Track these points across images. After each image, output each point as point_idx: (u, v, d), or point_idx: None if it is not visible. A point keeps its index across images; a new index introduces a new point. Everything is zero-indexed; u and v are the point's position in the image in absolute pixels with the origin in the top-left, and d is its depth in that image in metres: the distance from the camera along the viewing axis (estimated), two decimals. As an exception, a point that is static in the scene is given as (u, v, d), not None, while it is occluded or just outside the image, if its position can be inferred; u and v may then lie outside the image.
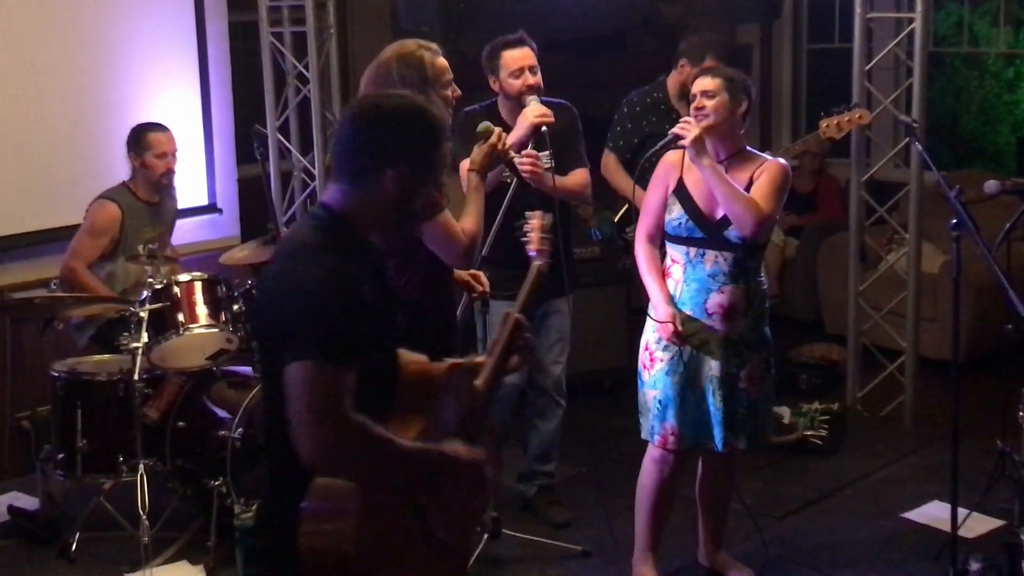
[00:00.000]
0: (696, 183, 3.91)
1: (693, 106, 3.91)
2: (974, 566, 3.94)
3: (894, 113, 5.69)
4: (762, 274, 4.02)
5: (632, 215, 4.32)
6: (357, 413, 2.31)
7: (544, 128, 4.22)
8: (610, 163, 5.23)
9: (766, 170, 3.91)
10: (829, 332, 6.85)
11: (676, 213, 3.93)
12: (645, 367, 4.02)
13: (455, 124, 3.54)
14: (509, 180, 4.11)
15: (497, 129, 3.62)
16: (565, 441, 5.09)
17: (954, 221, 3.81)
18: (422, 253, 3.43)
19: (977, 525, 4.46)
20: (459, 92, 3.55)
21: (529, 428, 4.79)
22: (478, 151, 3.59)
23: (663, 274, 3.98)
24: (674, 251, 3.98)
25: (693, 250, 3.91)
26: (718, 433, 3.92)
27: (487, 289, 3.95)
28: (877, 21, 5.79)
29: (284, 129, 6.62)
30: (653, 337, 3.99)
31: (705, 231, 3.89)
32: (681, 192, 3.94)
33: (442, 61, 3.46)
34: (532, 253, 3.13)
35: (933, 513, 4.66)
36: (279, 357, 2.33)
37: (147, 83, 5.89)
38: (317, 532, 2.35)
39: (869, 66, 5.66)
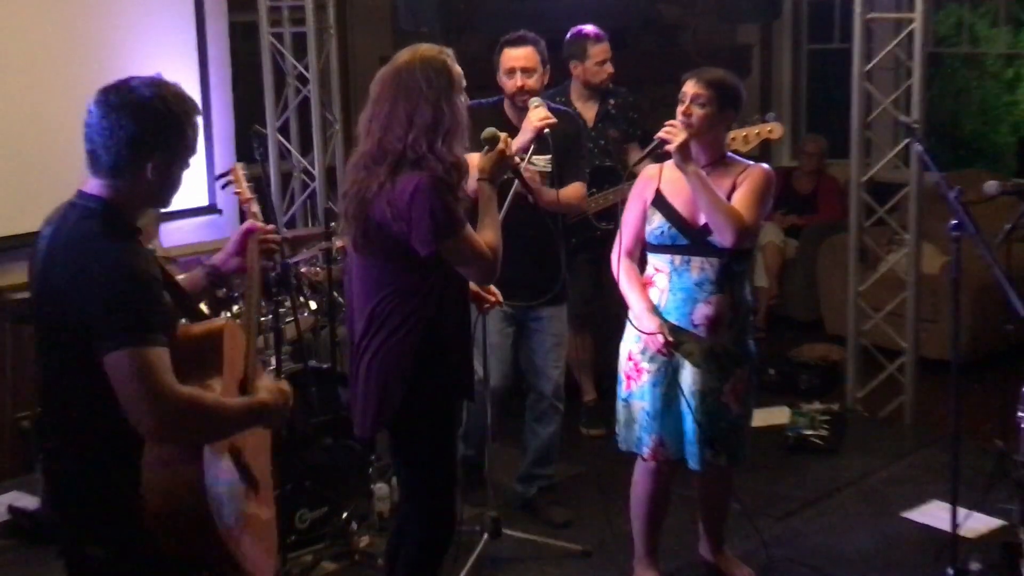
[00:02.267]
0: (675, 191, 3.86)
1: (680, 110, 3.83)
2: (974, 566, 3.94)
3: (894, 114, 5.70)
4: (747, 285, 3.98)
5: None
6: (182, 385, 2.47)
7: (547, 131, 4.19)
8: None
9: (748, 177, 3.86)
10: (829, 332, 6.86)
11: (657, 222, 3.88)
12: (630, 378, 3.95)
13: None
14: (511, 185, 4.07)
15: (503, 135, 3.52)
16: (565, 441, 5.10)
17: (954, 222, 3.81)
18: (439, 270, 3.33)
19: (977, 525, 4.46)
20: (468, 98, 3.51)
21: (528, 432, 4.78)
22: (486, 159, 3.47)
23: (644, 285, 3.93)
24: (658, 260, 3.92)
25: (678, 258, 3.86)
26: (696, 450, 3.87)
27: (499, 300, 3.86)
28: (877, 21, 5.80)
29: (284, 129, 6.63)
30: (636, 347, 3.92)
31: (689, 237, 3.84)
32: (660, 202, 3.89)
33: (459, 68, 3.38)
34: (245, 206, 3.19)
35: (933, 513, 4.65)
36: (79, 348, 2.46)
37: (147, 83, 5.88)
38: (161, 481, 2.51)
39: (869, 66, 5.66)
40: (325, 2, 6.36)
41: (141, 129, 2.56)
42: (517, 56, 4.45)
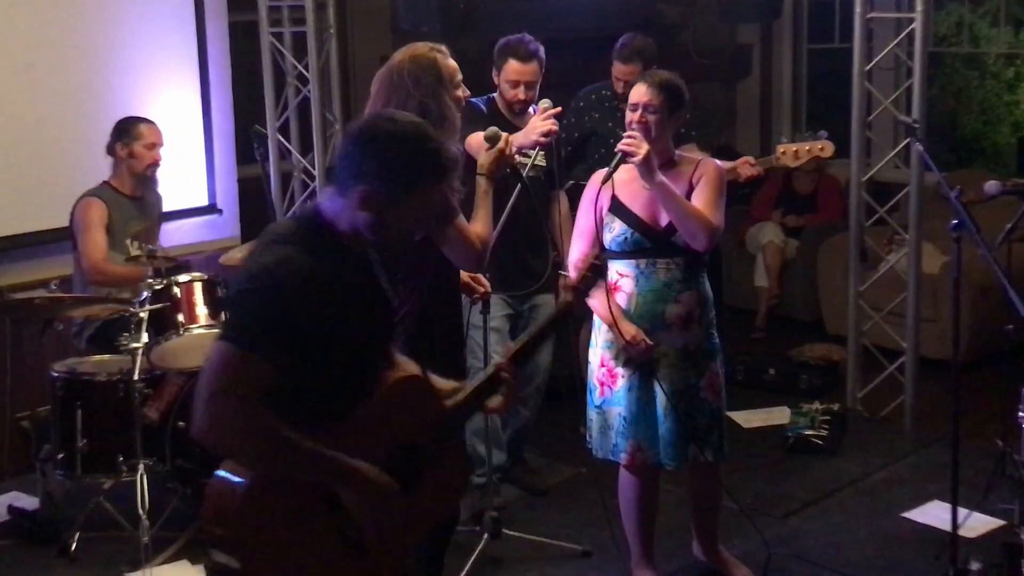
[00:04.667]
0: (632, 195, 3.84)
1: (635, 119, 3.79)
2: (974, 566, 3.94)
3: (894, 113, 5.70)
4: (707, 280, 3.97)
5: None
6: (261, 404, 2.36)
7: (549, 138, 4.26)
8: None
9: (704, 175, 3.86)
10: (829, 332, 6.85)
11: (619, 229, 3.85)
12: (604, 384, 3.94)
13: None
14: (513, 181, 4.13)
15: (504, 134, 3.60)
16: (565, 441, 5.11)
17: (954, 222, 3.81)
18: (430, 259, 3.40)
19: (977, 525, 4.46)
20: (468, 92, 3.57)
21: (511, 414, 4.84)
22: (486, 156, 3.56)
23: (610, 291, 3.89)
24: (621, 266, 3.89)
25: (644, 261, 3.85)
26: (674, 451, 3.87)
27: (488, 290, 3.96)
28: (877, 21, 5.79)
29: (284, 129, 6.62)
30: (608, 354, 3.91)
31: (652, 240, 3.83)
32: (618, 208, 3.87)
33: (453, 63, 3.47)
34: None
35: (933, 513, 4.65)
36: None
37: (147, 83, 5.89)
38: (211, 502, 2.46)
39: (869, 66, 5.65)
40: (325, 2, 6.36)
41: (369, 152, 2.47)
42: (524, 71, 4.56)
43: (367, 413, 2.54)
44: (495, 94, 4.65)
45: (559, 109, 4.28)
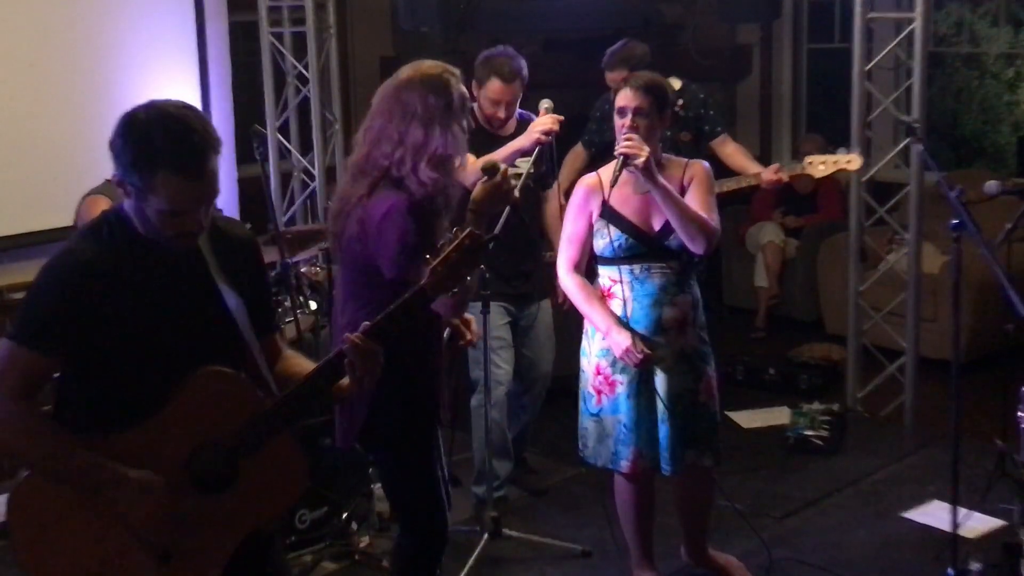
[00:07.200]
0: (624, 200, 3.78)
1: (626, 124, 3.73)
2: (974, 566, 3.94)
3: (894, 113, 5.70)
4: (696, 283, 3.96)
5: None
6: (19, 398, 2.40)
7: (550, 137, 4.26)
8: (575, 152, 5.35)
9: (695, 176, 3.83)
10: (829, 332, 6.85)
11: (612, 236, 3.79)
12: (601, 392, 3.88)
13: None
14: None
15: (503, 166, 3.30)
16: (565, 441, 5.10)
17: (954, 221, 3.81)
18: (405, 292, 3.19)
19: (977, 525, 4.46)
20: (472, 124, 3.43)
21: (511, 417, 4.83)
22: (480, 190, 3.22)
23: (602, 298, 3.87)
24: (613, 272, 3.85)
25: (638, 267, 3.81)
26: (670, 455, 3.84)
27: (475, 339, 3.61)
28: (877, 21, 5.79)
29: (284, 129, 6.63)
30: (605, 362, 3.86)
31: (646, 245, 3.80)
32: (610, 214, 3.80)
33: (464, 89, 3.26)
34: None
35: (933, 513, 4.65)
36: None
37: (147, 83, 5.88)
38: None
39: (869, 66, 5.65)
40: (325, 2, 6.37)
41: (125, 142, 2.47)
42: (506, 91, 4.49)
43: (166, 412, 2.45)
44: (474, 105, 4.48)
45: (562, 118, 4.28)
